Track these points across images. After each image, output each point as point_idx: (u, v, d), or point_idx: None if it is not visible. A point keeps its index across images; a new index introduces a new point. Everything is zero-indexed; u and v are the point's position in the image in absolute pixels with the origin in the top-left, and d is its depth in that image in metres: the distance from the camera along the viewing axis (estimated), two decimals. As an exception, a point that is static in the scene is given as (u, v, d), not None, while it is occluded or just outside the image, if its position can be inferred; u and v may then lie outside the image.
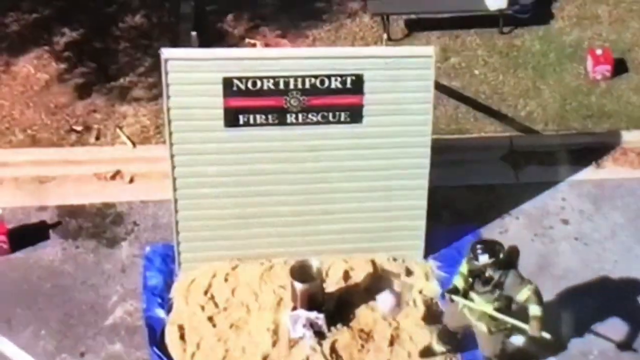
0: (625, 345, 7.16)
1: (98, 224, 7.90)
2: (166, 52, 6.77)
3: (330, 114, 6.96)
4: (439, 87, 8.20)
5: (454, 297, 6.55)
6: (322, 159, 7.13)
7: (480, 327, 6.64)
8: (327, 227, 7.30)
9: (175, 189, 7.12)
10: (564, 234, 7.90)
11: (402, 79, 6.93)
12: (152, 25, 9.26)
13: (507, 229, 7.92)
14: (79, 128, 8.52)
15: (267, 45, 9.06)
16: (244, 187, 7.17)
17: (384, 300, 7.14)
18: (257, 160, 7.09)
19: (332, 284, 7.34)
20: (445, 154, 8.00)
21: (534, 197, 8.11)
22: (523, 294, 6.37)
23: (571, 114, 8.76)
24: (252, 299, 7.26)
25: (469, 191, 8.14)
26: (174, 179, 7.08)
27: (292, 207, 7.26)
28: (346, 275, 7.42)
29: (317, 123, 6.97)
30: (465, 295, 6.54)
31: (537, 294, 6.39)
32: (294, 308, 7.11)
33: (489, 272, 6.39)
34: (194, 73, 6.79)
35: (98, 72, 8.91)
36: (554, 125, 8.68)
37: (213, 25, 9.28)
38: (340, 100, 6.92)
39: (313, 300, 7.04)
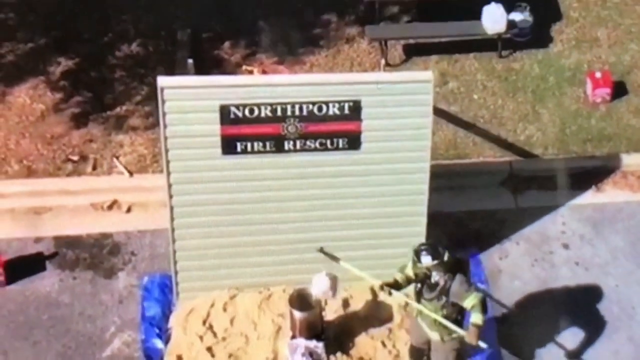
0: (574, 355, 7.25)
1: (95, 255, 7.98)
2: (162, 81, 6.87)
3: (328, 141, 7.06)
4: (437, 112, 8.36)
5: (393, 292, 6.58)
6: (320, 186, 7.22)
7: (434, 337, 6.69)
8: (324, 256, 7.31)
9: (172, 218, 7.19)
10: (564, 258, 8.00)
11: (401, 105, 7.04)
12: (148, 54, 9.34)
13: (507, 254, 8.05)
14: (75, 158, 8.60)
15: (264, 72, 9.10)
16: (242, 215, 7.24)
17: (318, 282, 7.02)
18: (254, 188, 7.16)
19: (332, 312, 7.43)
20: (444, 180, 8.13)
21: (534, 221, 8.22)
22: (469, 301, 6.40)
23: (571, 137, 8.86)
24: (250, 328, 7.33)
25: (469, 217, 8.25)
26: (172, 208, 7.15)
27: (290, 235, 7.33)
28: (345, 304, 7.50)
29: (315, 150, 7.07)
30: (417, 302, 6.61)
31: (483, 303, 6.44)
32: (293, 337, 7.18)
33: (434, 278, 6.43)
34: (190, 101, 6.89)
35: (94, 102, 8.97)
36: (553, 149, 8.80)
37: (210, 52, 9.35)
38: (338, 127, 7.02)
39: (312, 328, 7.12)
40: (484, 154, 8.73)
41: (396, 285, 6.63)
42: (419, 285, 6.57)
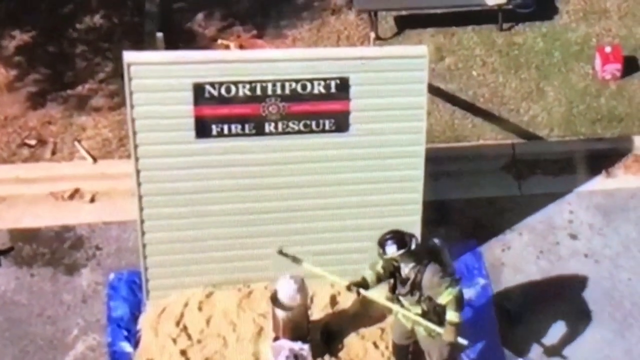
0: (583, 355, 7.28)
1: (55, 249, 7.91)
2: (129, 56, 6.81)
3: (313, 122, 7.03)
4: (433, 90, 8.43)
5: (362, 291, 6.60)
6: (304, 173, 7.18)
7: (420, 332, 6.71)
8: (311, 248, 7.27)
9: (141, 209, 7.14)
10: (572, 250, 8.00)
11: (393, 82, 7.02)
12: (113, 26, 9.30)
13: (510, 245, 8.04)
14: (32, 142, 8.54)
15: (241, 47, 9.09)
16: (219, 205, 7.19)
17: (282, 287, 6.94)
18: (232, 174, 7.11)
19: (318, 311, 7.41)
20: (441, 165, 8.14)
21: (538, 210, 8.21)
22: (443, 298, 6.41)
23: (578, 118, 8.88)
24: (229, 330, 7.28)
25: (468, 205, 8.23)
26: (140, 197, 7.11)
27: (271, 227, 7.28)
28: (333, 301, 7.48)
29: (299, 132, 7.02)
30: (395, 300, 6.62)
31: (458, 299, 6.43)
32: (276, 338, 7.14)
33: (403, 271, 6.44)
34: (160, 79, 6.85)
35: (53, 79, 8.92)
36: (559, 131, 8.80)
37: (181, 25, 9.35)
38: (324, 107, 6.99)
39: (297, 329, 7.07)
40: (484, 136, 8.73)
41: (365, 284, 6.61)
42: (391, 281, 6.57)
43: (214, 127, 6.94)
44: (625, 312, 7.62)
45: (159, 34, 8.57)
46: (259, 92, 6.86)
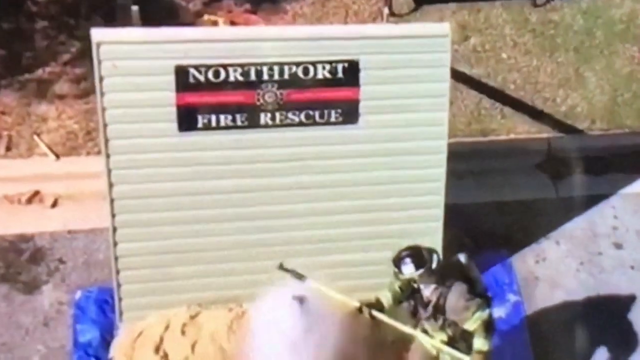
0: None
1: (11, 263, 7.74)
2: (98, 34, 6.67)
3: (317, 113, 6.96)
4: (456, 75, 8.24)
5: (375, 314, 6.50)
6: (306, 172, 7.08)
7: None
8: (315, 260, 7.09)
9: (113, 215, 6.99)
10: (617, 261, 7.99)
11: (409, 66, 6.93)
12: (79, -1, 9.22)
13: (545, 256, 7.98)
14: (-17, 136, 8.40)
15: (232, 23, 9.01)
16: (205, 210, 7.06)
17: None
18: (221, 174, 7.00)
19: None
20: (465, 162, 8.05)
21: (578, 214, 8.21)
22: (471, 324, 6.34)
23: (624, 108, 8.91)
24: (218, 356, 7.10)
25: (497, 209, 8.19)
26: (112, 201, 6.96)
27: (268, 234, 7.18)
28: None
29: (300, 125, 6.95)
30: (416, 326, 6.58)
31: (487, 324, 6.37)
32: (274, 366, 6.94)
33: (425, 294, 6.39)
34: (136, 61, 6.73)
35: (8, 61, 8.71)
36: (602, 123, 8.85)
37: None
38: (329, 95, 6.93)
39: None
40: (515, 129, 8.75)
41: (380, 306, 6.53)
42: (411, 302, 6.55)
43: (199, 118, 6.83)
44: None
45: (134, 8, 8.29)
46: (252, 77, 6.78)
